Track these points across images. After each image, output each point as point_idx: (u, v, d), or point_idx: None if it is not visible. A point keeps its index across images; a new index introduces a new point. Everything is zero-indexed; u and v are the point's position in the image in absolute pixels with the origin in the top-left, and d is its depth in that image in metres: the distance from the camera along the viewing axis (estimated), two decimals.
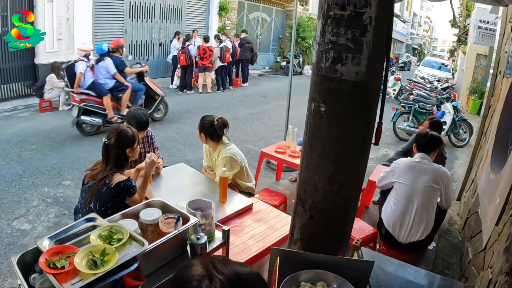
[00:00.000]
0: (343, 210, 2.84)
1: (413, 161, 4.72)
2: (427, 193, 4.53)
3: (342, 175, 2.68)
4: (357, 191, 2.88)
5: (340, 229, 2.93)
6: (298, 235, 3.01)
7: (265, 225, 4.12)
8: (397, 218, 4.60)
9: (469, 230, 5.44)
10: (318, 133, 2.65)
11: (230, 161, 4.85)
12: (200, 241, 2.85)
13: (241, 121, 11.76)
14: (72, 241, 2.63)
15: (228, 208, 4.30)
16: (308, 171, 2.79)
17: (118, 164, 3.79)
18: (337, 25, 2.41)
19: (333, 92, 2.52)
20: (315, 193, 2.77)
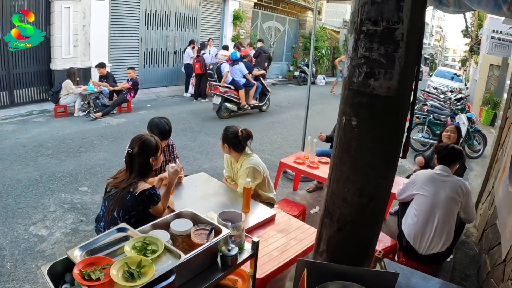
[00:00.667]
0: (371, 223, 2.88)
1: (433, 173, 4.71)
2: (449, 205, 4.52)
3: (371, 188, 2.72)
4: (384, 203, 2.92)
5: (367, 241, 2.96)
6: (325, 246, 3.04)
7: (288, 236, 4.13)
8: (418, 230, 4.60)
9: (486, 242, 5.42)
10: (349, 147, 2.69)
11: (253, 172, 4.84)
12: (231, 252, 2.87)
13: (257, 130, 11.38)
14: (104, 252, 2.63)
15: (250, 219, 4.30)
16: (337, 184, 2.82)
17: (141, 172, 3.80)
18: (370, 40, 2.45)
19: (365, 107, 2.57)
20: (343, 205, 2.81)
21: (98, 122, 11.27)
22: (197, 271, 2.76)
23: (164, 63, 17.14)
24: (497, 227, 4.94)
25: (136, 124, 11.18)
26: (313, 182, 7.73)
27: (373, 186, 2.71)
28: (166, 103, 14.61)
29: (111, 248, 2.68)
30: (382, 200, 2.85)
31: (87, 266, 2.37)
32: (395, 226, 5.85)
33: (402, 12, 2.36)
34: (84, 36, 13.45)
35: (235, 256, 2.90)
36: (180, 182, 5.02)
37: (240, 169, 4.98)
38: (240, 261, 3.00)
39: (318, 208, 6.80)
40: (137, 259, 2.41)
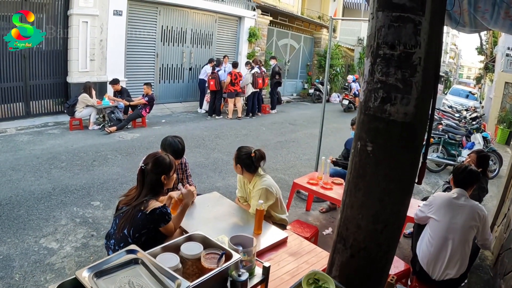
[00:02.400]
0: (385, 249, 2.81)
1: (450, 198, 4.58)
2: (464, 231, 4.41)
3: (386, 214, 2.67)
4: (399, 229, 2.86)
5: (380, 268, 2.90)
6: (337, 272, 2.99)
7: (300, 259, 4.05)
8: (432, 256, 4.51)
9: (502, 267, 5.31)
10: (364, 172, 2.65)
11: (265, 193, 4.77)
12: (242, 278, 2.81)
13: (271, 149, 11.55)
14: (113, 274, 2.58)
15: (262, 241, 4.23)
16: (351, 209, 2.78)
17: (153, 190, 3.78)
18: (387, 65, 2.42)
19: (381, 132, 2.53)
20: (357, 231, 2.76)
21: (113, 137, 11.27)
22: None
23: (180, 79, 17.20)
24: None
25: (150, 140, 11.10)
26: (326, 203, 7.64)
27: (388, 212, 2.67)
28: (180, 119, 14.58)
29: (120, 270, 2.63)
30: (397, 226, 2.80)
31: None
32: (408, 249, 5.75)
33: (419, 36, 2.34)
34: (101, 50, 13.58)
35: (245, 282, 2.84)
36: (193, 201, 4.93)
37: (253, 190, 4.92)
38: (250, 286, 2.96)
39: (331, 229, 6.72)
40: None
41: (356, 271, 2.90)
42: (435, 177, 10.64)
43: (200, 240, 3.06)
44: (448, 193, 4.70)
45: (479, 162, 5.79)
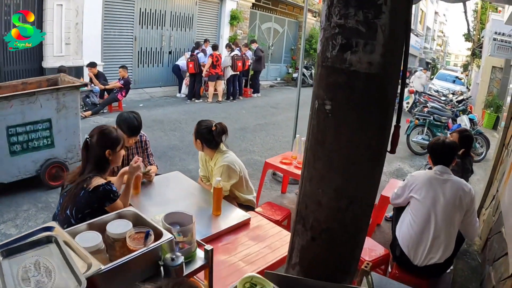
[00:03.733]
0: (352, 231, 2.38)
1: (431, 175, 4.18)
2: (449, 210, 4.01)
3: (351, 188, 2.24)
4: (369, 208, 2.42)
5: (347, 253, 2.48)
6: (297, 258, 2.58)
7: (262, 243, 3.71)
8: (413, 238, 4.10)
9: (490, 252, 4.96)
10: (323, 138, 2.21)
11: (227, 170, 4.45)
12: (175, 262, 2.41)
13: (249, 131, 11.41)
14: (25, 252, 2.20)
15: (222, 223, 3.90)
16: (310, 183, 2.34)
17: (98, 166, 3.47)
18: (346, 5, 1.97)
19: (341, 87, 2.09)
20: (318, 209, 2.32)
21: (87, 121, 10.84)
22: (132, 282, 2.30)
23: (159, 63, 16.74)
24: (503, 235, 4.51)
25: None
26: None
27: (353, 187, 2.23)
28: (159, 103, 14.26)
29: (32, 249, 2.23)
30: (365, 204, 2.35)
31: None
32: (390, 233, 5.35)
33: None
34: (76, 34, 13.10)
35: (179, 266, 2.43)
36: (150, 180, 4.68)
37: (214, 167, 4.59)
38: (189, 271, 2.56)
39: None
40: None
41: (318, 256, 2.48)
42: (420, 160, 10.45)
43: (131, 218, 2.66)
44: (429, 170, 4.31)
45: (462, 142, 5.34)
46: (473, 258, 5.67)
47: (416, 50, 43.62)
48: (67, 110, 6.62)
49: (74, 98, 6.72)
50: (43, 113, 6.29)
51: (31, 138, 6.29)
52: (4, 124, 5.93)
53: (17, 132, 6.10)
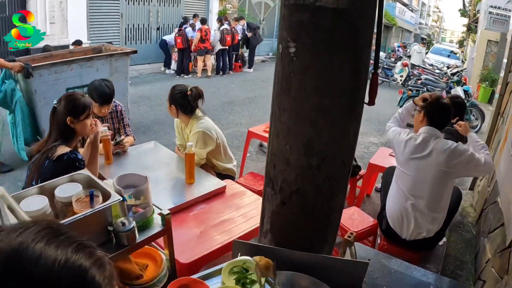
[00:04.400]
0: (326, 193, 2.11)
1: (418, 140, 3.75)
2: (438, 180, 3.67)
3: (322, 143, 1.96)
4: (344, 167, 2.12)
5: (322, 219, 2.21)
6: (268, 225, 2.33)
7: (237, 212, 3.50)
8: (399, 213, 3.83)
9: (485, 224, 4.72)
10: (288, 86, 1.93)
11: (203, 137, 4.23)
12: (126, 227, 2.16)
13: (238, 104, 11.15)
14: None
15: (195, 191, 3.69)
16: (277, 139, 2.07)
17: (63, 135, 3.24)
18: None
19: (306, 26, 1.81)
20: (286, 169, 2.06)
21: None
22: None
23: (147, 40, 16.35)
24: (498, 206, 4.26)
25: None
26: None
27: (324, 141, 1.95)
28: (147, 80, 13.96)
29: None
30: (339, 162, 2.07)
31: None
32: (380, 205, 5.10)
33: None
34: (61, 12, 12.73)
35: (130, 232, 2.19)
36: (125, 151, 4.47)
37: (190, 134, 4.37)
38: (142, 238, 2.31)
39: None
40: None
41: (290, 223, 2.22)
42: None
43: (83, 181, 2.39)
44: (413, 136, 3.83)
45: (454, 109, 5.00)
46: (467, 230, 5.42)
47: (411, 26, 43.36)
48: (118, 74, 7.51)
49: (124, 64, 7.74)
50: (98, 76, 6.37)
51: None
52: (64, 85, 6.70)
53: None
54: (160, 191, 3.67)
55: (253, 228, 3.25)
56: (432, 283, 2.72)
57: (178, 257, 2.77)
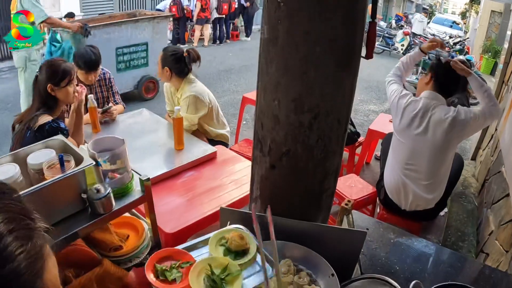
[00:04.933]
0: (319, 155, 1.91)
1: (417, 109, 3.47)
2: (437, 153, 3.44)
3: (314, 98, 1.76)
4: (340, 126, 1.91)
5: (316, 184, 2.02)
6: (258, 191, 2.14)
7: (228, 179, 3.35)
8: (396, 183, 3.63)
9: (488, 195, 4.58)
10: (275, 34, 1.71)
11: (194, 101, 4.06)
12: (100, 194, 1.96)
13: (234, 72, 11.05)
14: None
15: (184, 157, 3.57)
16: (264, 95, 1.87)
17: (45, 103, 3.19)
18: None
19: None
20: (275, 127, 1.86)
21: None
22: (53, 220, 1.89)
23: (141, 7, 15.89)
24: (503, 176, 4.13)
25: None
26: None
27: (316, 95, 1.75)
28: None
29: None
30: (335, 120, 1.86)
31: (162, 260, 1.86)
32: None
33: None
34: None
35: (106, 200, 1.99)
36: (113, 119, 4.34)
37: (181, 98, 4.18)
38: (120, 206, 2.12)
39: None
40: (224, 262, 1.82)
41: (281, 188, 2.03)
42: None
43: (57, 147, 2.19)
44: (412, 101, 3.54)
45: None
46: (469, 201, 5.30)
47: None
48: (159, 35, 8.29)
49: (164, 26, 8.59)
50: (142, 37, 7.99)
51: (132, 58, 8.04)
52: (114, 45, 7.58)
53: (123, 52, 7.82)
54: (148, 158, 3.55)
55: (245, 195, 3.11)
56: (433, 254, 2.56)
57: (163, 227, 2.67)
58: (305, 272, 1.94)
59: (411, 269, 2.36)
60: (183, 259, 1.83)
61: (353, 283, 1.99)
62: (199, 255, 1.90)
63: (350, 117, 2.05)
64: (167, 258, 1.84)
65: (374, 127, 5.25)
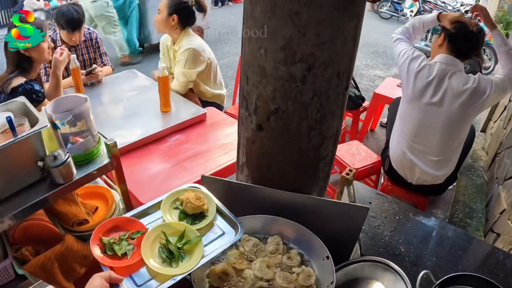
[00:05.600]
0: (315, 115, 1.61)
1: (432, 75, 3.11)
2: (451, 126, 3.14)
3: (307, 44, 1.43)
4: (340, 80, 1.59)
5: (310, 149, 1.73)
6: (244, 156, 1.86)
7: (216, 143, 3.18)
8: (403, 155, 3.36)
9: (500, 170, 4.35)
10: None
11: (193, 55, 3.86)
12: (57, 161, 1.72)
13: (235, 35, 10.66)
14: None
15: (171, 120, 3.43)
16: (249, 43, 1.56)
17: (19, 65, 3.15)
18: None
19: None
20: (262, 81, 1.56)
21: None
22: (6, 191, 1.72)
23: None
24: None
25: None
26: None
27: (311, 42, 1.43)
28: None
29: None
30: (334, 73, 1.54)
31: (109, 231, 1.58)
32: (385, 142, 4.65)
33: None
34: None
35: (64, 168, 1.75)
36: (99, 81, 4.15)
37: (178, 52, 3.97)
38: (83, 174, 1.89)
39: None
40: (180, 228, 1.60)
41: (270, 154, 1.75)
42: None
43: (17, 111, 1.96)
44: (426, 65, 3.17)
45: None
46: (478, 175, 5.06)
47: None
48: None
49: None
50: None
51: None
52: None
53: None
54: (132, 121, 3.36)
55: (233, 161, 2.86)
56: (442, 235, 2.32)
57: (139, 196, 2.47)
58: (296, 251, 1.73)
59: (417, 252, 2.13)
60: (133, 229, 1.59)
61: (351, 266, 1.77)
62: (151, 222, 1.67)
63: (352, 75, 1.74)
64: (115, 228, 1.60)
65: (380, 91, 5.00)
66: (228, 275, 1.60)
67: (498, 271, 2.05)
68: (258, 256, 1.69)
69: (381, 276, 1.66)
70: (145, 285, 1.39)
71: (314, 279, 1.58)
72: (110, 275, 1.30)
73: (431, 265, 2.04)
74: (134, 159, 2.87)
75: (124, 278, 1.37)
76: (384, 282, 1.63)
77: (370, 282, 1.67)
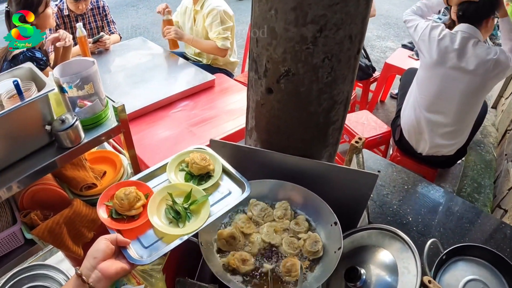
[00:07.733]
0: (326, 78, 1.58)
1: (456, 42, 3.10)
2: (470, 95, 3.13)
3: (319, 7, 1.39)
4: (352, 43, 1.55)
5: (320, 113, 1.70)
6: (253, 121, 1.84)
7: (225, 108, 3.17)
8: (416, 124, 3.34)
9: (510, 146, 4.33)
10: None
11: (223, 15, 3.86)
12: (65, 125, 1.72)
13: (244, 3, 10.51)
14: None
15: (179, 85, 3.41)
16: (259, 3, 1.53)
17: None
18: None
19: None
20: (272, 43, 1.53)
21: None
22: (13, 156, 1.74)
23: None
24: None
25: None
26: None
27: (322, 3, 1.39)
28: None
29: None
30: (346, 35, 1.50)
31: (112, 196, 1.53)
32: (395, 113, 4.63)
33: None
34: None
35: (71, 131, 1.75)
36: (106, 48, 4.14)
37: (201, 10, 3.94)
38: (91, 138, 1.89)
39: None
40: (186, 188, 1.57)
41: (279, 117, 1.72)
42: None
43: (24, 76, 1.94)
44: (447, 34, 3.16)
45: None
46: (487, 150, 5.01)
47: None
48: None
49: None
50: None
51: None
52: None
53: None
54: (139, 88, 3.36)
55: (242, 127, 2.91)
56: (450, 207, 2.31)
57: (147, 161, 2.49)
58: (304, 217, 1.73)
59: (425, 222, 2.13)
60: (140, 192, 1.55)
61: (359, 233, 1.75)
62: (157, 185, 1.66)
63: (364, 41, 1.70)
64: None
65: (391, 61, 4.93)
66: (235, 239, 1.60)
67: (505, 246, 2.05)
68: (265, 221, 1.69)
69: (388, 245, 1.64)
70: (152, 246, 1.39)
71: (321, 245, 1.58)
72: (117, 237, 1.30)
73: (438, 235, 2.04)
74: (142, 125, 2.86)
75: (131, 241, 1.36)
76: (391, 250, 1.62)
77: (377, 250, 1.65)
